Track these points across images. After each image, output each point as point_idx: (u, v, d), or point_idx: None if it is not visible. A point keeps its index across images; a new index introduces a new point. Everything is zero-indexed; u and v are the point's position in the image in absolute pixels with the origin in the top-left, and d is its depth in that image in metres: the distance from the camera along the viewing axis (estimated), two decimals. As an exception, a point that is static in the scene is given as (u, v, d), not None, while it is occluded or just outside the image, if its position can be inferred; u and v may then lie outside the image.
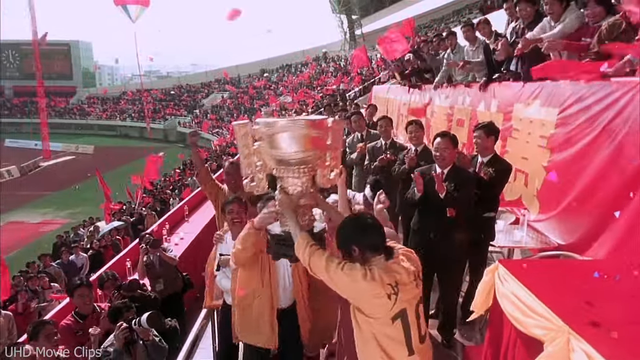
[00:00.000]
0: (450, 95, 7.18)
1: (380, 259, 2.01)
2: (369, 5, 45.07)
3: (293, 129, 2.04)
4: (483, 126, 3.88)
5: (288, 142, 2.06)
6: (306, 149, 2.08)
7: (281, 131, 2.06)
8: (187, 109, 51.28)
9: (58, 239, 13.48)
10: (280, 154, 2.11)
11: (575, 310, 1.95)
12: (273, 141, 2.09)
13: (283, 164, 2.15)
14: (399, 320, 1.96)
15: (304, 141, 2.06)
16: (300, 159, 2.11)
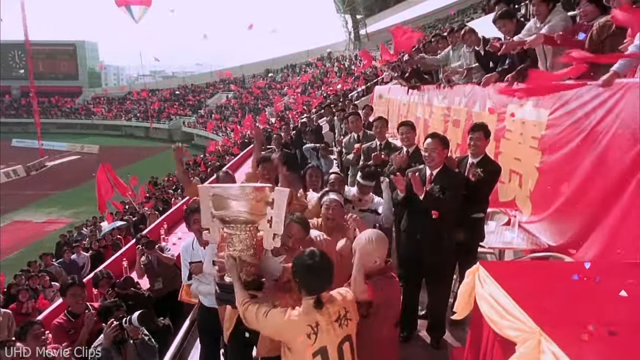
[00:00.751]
0: (448, 96, 7.17)
1: (310, 301, 2.18)
2: (374, 5, 45.00)
3: (237, 196, 2.40)
4: (481, 127, 3.89)
5: (231, 205, 2.41)
6: (245, 212, 2.40)
7: (227, 196, 2.42)
8: (192, 109, 51.46)
9: (61, 238, 13.57)
10: (224, 214, 2.44)
11: (549, 313, 1.95)
12: (219, 202, 2.44)
13: (227, 222, 2.46)
14: (319, 356, 2.14)
15: (245, 205, 2.39)
16: (241, 220, 2.42)
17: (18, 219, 24.69)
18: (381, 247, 2.59)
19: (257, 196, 2.40)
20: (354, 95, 22.71)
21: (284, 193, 2.42)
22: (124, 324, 3.38)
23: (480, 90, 5.82)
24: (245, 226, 2.44)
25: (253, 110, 40.73)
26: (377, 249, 2.57)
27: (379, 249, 2.58)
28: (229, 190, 2.47)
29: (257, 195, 2.40)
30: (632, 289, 2.05)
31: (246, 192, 2.40)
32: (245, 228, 2.44)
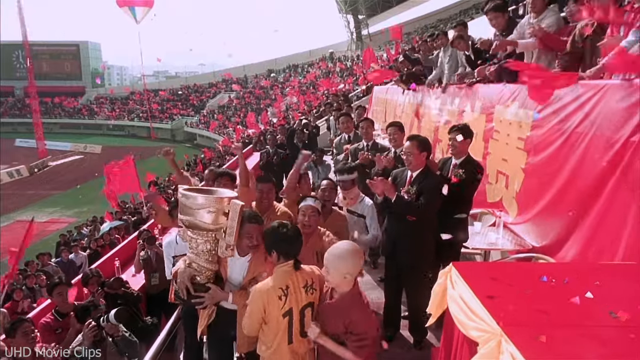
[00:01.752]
0: (440, 97, 7.17)
1: (285, 267, 2.46)
2: (376, 6, 45.01)
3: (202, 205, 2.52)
4: (460, 128, 3.90)
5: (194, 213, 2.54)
6: (204, 222, 2.53)
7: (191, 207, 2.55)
8: (194, 109, 51.59)
9: (61, 238, 13.64)
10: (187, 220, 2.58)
11: (513, 314, 1.96)
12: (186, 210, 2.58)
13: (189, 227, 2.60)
14: (287, 317, 2.43)
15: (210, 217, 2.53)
16: (201, 227, 2.55)
17: (20, 219, 24.82)
18: (351, 263, 2.33)
19: (218, 207, 2.52)
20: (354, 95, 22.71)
21: (237, 205, 2.53)
22: (102, 323, 3.40)
23: (470, 91, 5.83)
24: (206, 233, 2.57)
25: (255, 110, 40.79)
26: (347, 264, 2.32)
27: (348, 265, 2.32)
28: (196, 200, 2.54)
29: (217, 206, 2.52)
30: (598, 291, 2.06)
31: (209, 201, 2.53)
32: (205, 235, 2.58)
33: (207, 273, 2.68)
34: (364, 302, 2.45)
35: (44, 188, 30.56)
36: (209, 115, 47.81)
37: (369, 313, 2.45)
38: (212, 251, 2.64)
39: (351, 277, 2.37)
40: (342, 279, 2.35)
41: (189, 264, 2.69)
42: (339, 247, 2.42)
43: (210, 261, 2.66)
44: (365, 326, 2.36)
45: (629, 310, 1.87)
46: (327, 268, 2.39)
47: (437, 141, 7.29)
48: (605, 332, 1.79)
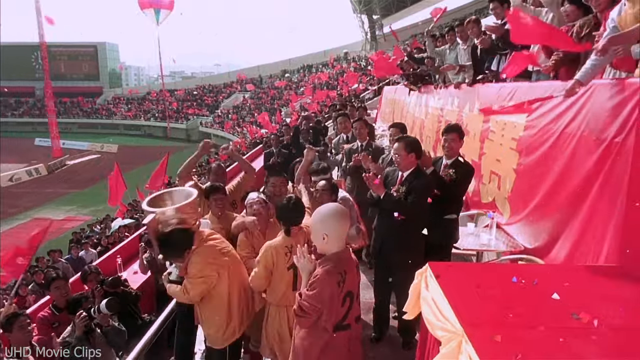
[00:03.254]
0: (442, 97, 7.15)
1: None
2: (390, 5, 44.78)
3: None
4: (455, 129, 3.90)
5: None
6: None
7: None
8: (209, 109, 52.02)
9: (74, 235, 13.90)
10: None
11: (478, 315, 1.97)
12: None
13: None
14: (292, 270, 2.98)
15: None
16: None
17: (38, 216, 25.36)
18: (330, 223, 2.30)
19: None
20: (365, 96, 22.67)
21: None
22: (93, 314, 3.48)
23: (470, 90, 5.80)
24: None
25: (269, 110, 40.96)
26: (324, 224, 2.30)
27: (326, 225, 2.30)
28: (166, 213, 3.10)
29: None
30: (566, 293, 2.05)
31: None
32: None
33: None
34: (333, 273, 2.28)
35: (61, 186, 31.11)
36: (223, 115, 48.14)
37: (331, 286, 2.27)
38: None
39: (329, 239, 2.31)
40: (321, 240, 2.32)
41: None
42: (322, 207, 2.42)
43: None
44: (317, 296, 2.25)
45: (592, 312, 1.86)
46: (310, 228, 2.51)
47: (438, 141, 7.25)
48: (564, 333, 1.78)
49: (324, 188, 3.79)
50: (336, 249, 2.34)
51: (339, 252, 2.35)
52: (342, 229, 2.35)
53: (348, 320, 2.37)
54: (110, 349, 3.82)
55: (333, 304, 2.27)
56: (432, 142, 7.51)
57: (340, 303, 2.30)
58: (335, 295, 2.26)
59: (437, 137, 7.29)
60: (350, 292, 2.34)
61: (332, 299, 2.26)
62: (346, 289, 2.30)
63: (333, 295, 2.25)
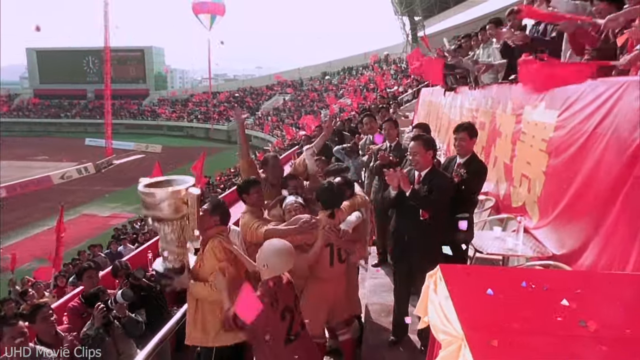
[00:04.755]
0: (476, 98, 6.97)
1: (327, 213, 3.40)
2: (433, 7, 44.07)
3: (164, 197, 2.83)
4: (466, 128, 3.81)
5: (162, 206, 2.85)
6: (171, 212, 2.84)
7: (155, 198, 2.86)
8: (250, 111, 52.89)
9: (115, 231, 14.45)
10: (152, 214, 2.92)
11: (482, 319, 1.89)
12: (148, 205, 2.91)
13: (157, 219, 2.91)
14: (328, 247, 3.34)
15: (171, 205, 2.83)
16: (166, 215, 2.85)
17: (86, 212, 26.55)
18: (273, 258, 2.69)
19: (176, 197, 2.83)
20: (404, 98, 22.43)
21: (194, 194, 2.84)
22: (110, 306, 3.60)
23: (503, 90, 5.62)
24: (171, 222, 2.87)
25: (309, 113, 41.19)
26: (269, 258, 2.70)
27: (271, 259, 2.69)
28: (155, 195, 2.86)
29: (175, 197, 2.83)
30: (576, 299, 1.94)
31: (167, 194, 2.84)
32: (170, 224, 2.88)
33: (180, 257, 2.99)
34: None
35: (108, 184, 32.46)
36: (263, 117, 48.81)
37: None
38: (180, 238, 2.95)
39: (269, 272, 2.71)
40: (261, 266, 2.72)
41: (162, 251, 2.97)
42: (271, 242, 2.79)
43: (179, 246, 2.96)
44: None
45: (602, 321, 1.75)
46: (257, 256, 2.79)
47: (473, 144, 7.08)
48: (568, 341, 1.68)
49: (340, 183, 3.81)
50: (270, 276, 2.71)
51: (272, 278, 2.70)
52: (284, 266, 2.76)
53: (294, 331, 2.70)
54: (130, 340, 3.94)
55: (270, 323, 2.59)
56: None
57: (279, 319, 2.63)
58: (271, 316, 2.59)
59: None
60: (287, 307, 2.68)
61: (268, 319, 2.58)
62: (281, 306, 2.64)
63: (268, 316, 2.57)
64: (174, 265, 3.00)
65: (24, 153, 43.46)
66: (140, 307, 4.72)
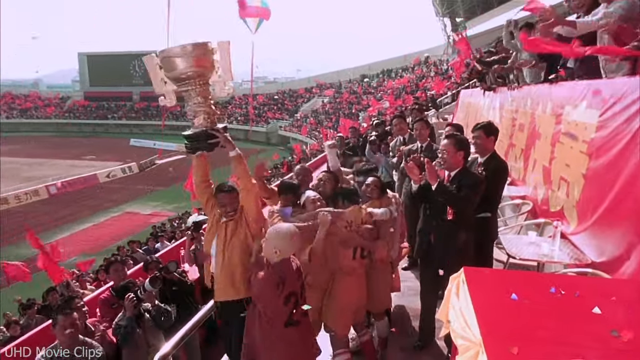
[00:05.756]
0: (515, 98, 6.72)
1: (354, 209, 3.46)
2: (475, 7, 43.08)
3: (181, 53, 2.78)
4: (482, 126, 3.73)
5: (178, 63, 2.82)
6: (193, 67, 2.82)
7: (173, 55, 2.81)
8: (289, 113, 53.28)
9: (153, 229, 14.84)
10: (175, 74, 2.88)
11: (504, 325, 1.79)
12: (168, 64, 2.86)
13: (180, 81, 2.92)
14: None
15: (191, 61, 2.81)
16: (190, 75, 2.86)
17: (128, 210, 27.47)
18: (281, 241, 2.71)
19: (199, 52, 2.81)
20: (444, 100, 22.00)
21: (225, 44, 2.86)
22: (140, 295, 3.67)
23: (543, 90, 5.39)
24: (196, 80, 2.92)
25: (347, 115, 41.10)
26: (276, 240, 2.71)
27: (277, 241, 2.71)
28: (171, 51, 2.82)
29: (198, 52, 2.80)
30: (609, 307, 1.80)
31: (187, 50, 2.79)
32: (197, 82, 2.93)
33: (210, 116, 3.09)
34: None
35: (150, 184, 33.44)
36: (302, 119, 49.08)
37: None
38: (208, 96, 3.05)
39: (281, 255, 2.73)
40: (272, 252, 2.72)
41: (193, 118, 3.07)
42: (275, 227, 2.81)
43: (200, 103, 3.04)
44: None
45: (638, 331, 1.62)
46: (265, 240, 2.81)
47: (512, 146, 6.83)
48: (596, 351, 1.56)
49: (374, 184, 3.78)
50: (279, 260, 2.74)
51: (281, 262, 2.73)
52: (291, 248, 2.79)
53: (296, 317, 2.73)
54: (160, 333, 4.02)
55: (272, 302, 2.68)
56: (505, 147, 7.08)
57: (283, 302, 2.67)
58: (275, 296, 2.66)
59: (511, 142, 6.88)
60: (293, 292, 2.71)
61: (272, 299, 2.68)
62: (287, 291, 2.68)
63: (272, 296, 2.67)
64: (205, 124, 3.07)
65: (74, 153, 45.49)
66: (172, 303, 4.82)
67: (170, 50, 2.82)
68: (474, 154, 3.88)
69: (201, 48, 2.83)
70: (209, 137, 3.14)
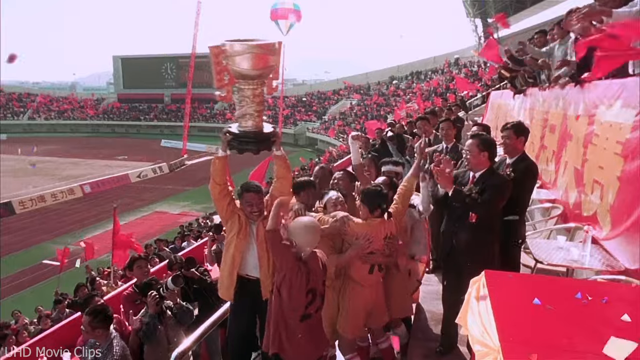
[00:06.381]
0: (547, 99, 6.49)
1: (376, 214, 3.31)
2: (508, 7, 42.20)
3: (251, 51, 2.81)
4: (512, 126, 3.58)
5: (245, 60, 2.82)
6: (259, 67, 2.85)
7: (242, 53, 2.81)
8: (317, 115, 53.37)
9: (181, 228, 15.08)
10: (242, 70, 2.87)
11: (524, 331, 1.70)
12: (236, 61, 2.84)
13: (242, 77, 2.92)
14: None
15: (257, 60, 2.82)
16: (255, 74, 2.89)
17: (158, 210, 28.03)
18: (302, 235, 2.71)
19: (267, 51, 2.84)
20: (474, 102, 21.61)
21: (279, 44, 2.91)
22: (162, 293, 3.71)
23: (575, 90, 5.18)
24: (258, 80, 2.95)
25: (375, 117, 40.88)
26: (296, 234, 2.72)
27: (297, 236, 2.72)
28: (238, 46, 2.84)
29: (266, 51, 2.84)
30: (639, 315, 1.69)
31: (256, 48, 2.83)
32: (258, 82, 2.96)
33: (256, 115, 3.06)
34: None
35: (180, 184, 34.03)
36: (329, 121, 49.07)
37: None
38: (259, 96, 3.01)
39: (299, 247, 2.75)
40: (306, 248, 2.76)
41: (242, 116, 3.07)
42: (297, 221, 2.82)
43: (258, 103, 3.03)
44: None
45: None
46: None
47: (543, 148, 6.61)
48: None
49: (383, 183, 3.74)
50: (307, 252, 2.77)
51: (310, 256, 2.78)
52: (307, 241, 2.75)
53: (310, 310, 2.77)
54: (180, 330, 4.05)
55: (295, 290, 2.71)
56: (536, 149, 6.86)
57: (304, 294, 2.71)
58: (298, 286, 2.70)
59: (542, 144, 6.66)
60: (314, 289, 2.75)
61: (296, 289, 2.71)
62: (311, 285, 2.73)
63: (301, 285, 2.70)
64: (250, 126, 3.08)
65: (107, 153, 46.74)
66: (193, 301, 4.85)
67: (237, 46, 2.85)
68: (502, 154, 3.77)
69: (269, 47, 2.87)
70: (264, 138, 3.18)
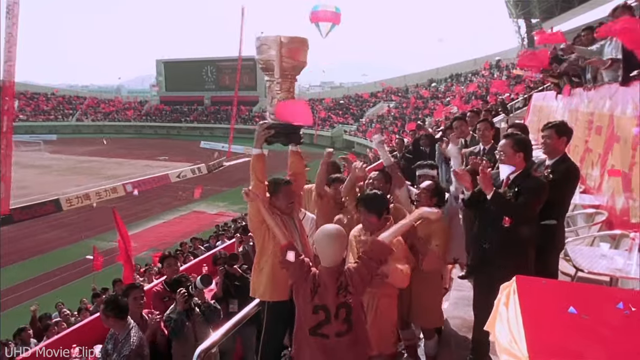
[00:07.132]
0: (592, 99, 6.18)
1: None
2: (553, 7, 40.78)
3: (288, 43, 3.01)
4: (554, 125, 3.40)
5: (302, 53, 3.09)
6: (294, 59, 3.06)
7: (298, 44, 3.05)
8: (354, 118, 53.21)
9: (217, 228, 15.30)
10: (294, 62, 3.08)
11: (557, 341, 1.57)
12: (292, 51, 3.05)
13: (292, 68, 3.14)
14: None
15: (293, 53, 3.03)
16: (290, 67, 3.09)
17: (196, 210, 28.60)
18: (325, 244, 2.55)
19: (300, 45, 3.03)
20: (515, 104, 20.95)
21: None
22: (191, 291, 3.72)
23: (622, 90, 4.90)
24: (292, 73, 3.16)
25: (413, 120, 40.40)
26: (320, 243, 2.58)
27: (320, 244, 2.58)
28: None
29: (301, 45, 3.03)
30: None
31: (294, 41, 3.01)
32: (292, 75, 3.19)
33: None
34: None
35: (217, 185, 34.63)
36: (367, 123, 48.84)
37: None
38: (290, 91, 3.31)
39: (320, 255, 2.62)
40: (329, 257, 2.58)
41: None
42: (323, 229, 2.63)
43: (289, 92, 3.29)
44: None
45: None
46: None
47: (588, 151, 6.30)
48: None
49: (427, 188, 3.57)
50: (325, 264, 2.56)
51: (326, 267, 2.55)
52: (335, 250, 2.55)
53: (324, 331, 2.50)
54: (208, 327, 4.05)
55: (300, 300, 2.57)
56: (581, 152, 6.55)
57: (311, 310, 2.50)
58: (302, 296, 2.54)
59: (586, 147, 6.35)
60: (324, 306, 2.49)
61: (301, 299, 2.56)
62: (318, 301, 2.49)
63: (305, 297, 2.53)
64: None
65: (149, 153, 48.15)
66: (234, 298, 4.83)
67: (295, 37, 3.07)
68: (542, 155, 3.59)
69: (303, 42, 3.07)
70: (293, 130, 3.43)
